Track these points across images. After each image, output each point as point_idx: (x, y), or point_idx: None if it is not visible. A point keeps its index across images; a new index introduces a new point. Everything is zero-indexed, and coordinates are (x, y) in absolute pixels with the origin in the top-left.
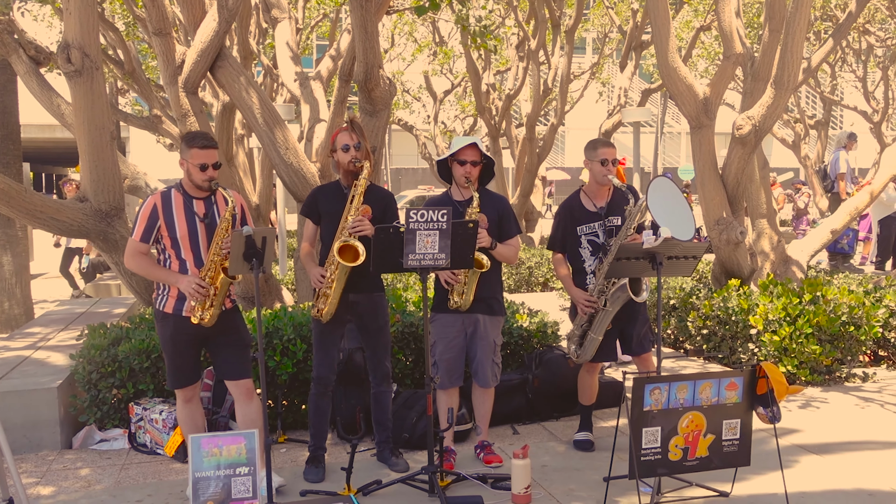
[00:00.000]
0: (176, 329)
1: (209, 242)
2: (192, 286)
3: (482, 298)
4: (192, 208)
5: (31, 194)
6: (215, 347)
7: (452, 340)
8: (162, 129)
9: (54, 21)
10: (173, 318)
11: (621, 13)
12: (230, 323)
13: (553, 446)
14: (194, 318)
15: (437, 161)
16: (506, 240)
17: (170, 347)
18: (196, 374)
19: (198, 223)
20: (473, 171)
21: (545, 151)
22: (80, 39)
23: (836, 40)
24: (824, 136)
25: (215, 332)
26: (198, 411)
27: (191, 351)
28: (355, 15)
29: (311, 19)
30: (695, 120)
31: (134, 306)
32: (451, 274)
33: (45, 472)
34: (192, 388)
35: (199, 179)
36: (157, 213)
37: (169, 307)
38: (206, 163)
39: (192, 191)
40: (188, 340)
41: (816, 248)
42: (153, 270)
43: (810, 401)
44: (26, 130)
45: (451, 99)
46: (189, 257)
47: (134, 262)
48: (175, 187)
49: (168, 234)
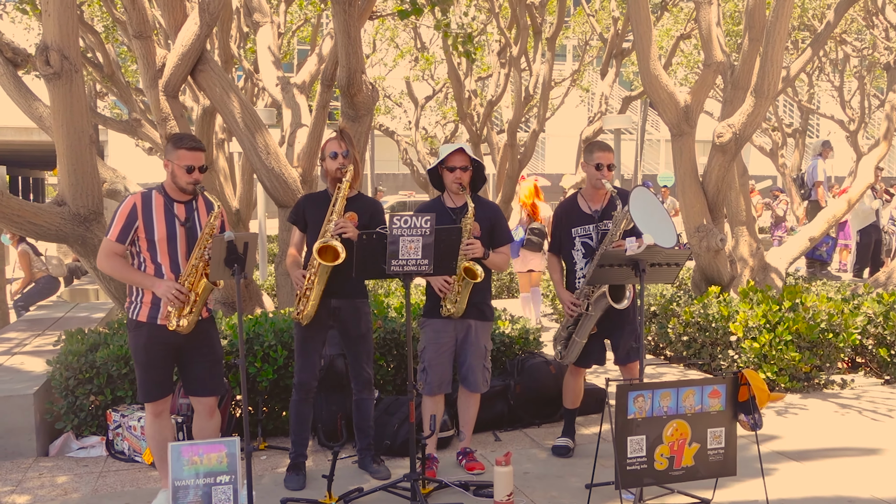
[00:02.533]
0: (150, 338)
1: (188, 247)
2: (172, 291)
3: (473, 304)
4: (172, 211)
5: (8, 198)
6: (187, 361)
7: (443, 346)
8: (141, 133)
9: (33, 23)
10: (147, 327)
11: (602, 21)
12: (205, 335)
13: (535, 453)
14: (170, 325)
15: (428, 170)
16: (497, 248)
17: (143, 358)
18: (169, 387)
19: (178, 227)
20: (464, 176)
21: (526, 158)
22: (59, 41)
23: (815, 50)
24: (802, 145)
25: (190, 344)
26: (167, 426)
27: (164, 362)
28: (338, 20)
29: (293, 24)
30: (676, 127)
31: (112, 311)
32: (445, 283)
33: (20, 480)
34: (164, 401)
35: (183, 182)
36: (136, 212)
37: (143, 315)
38: (193, 165)
39: (174, 193)
40: (162, 351)
41: (795, 255)
42: (128, 273)
43: (789, 407)
44: (2, 133)
45: (433, 105)
46: (165, 261)
47: (108, 263)
48: (156, 189)
49: (145, 237)
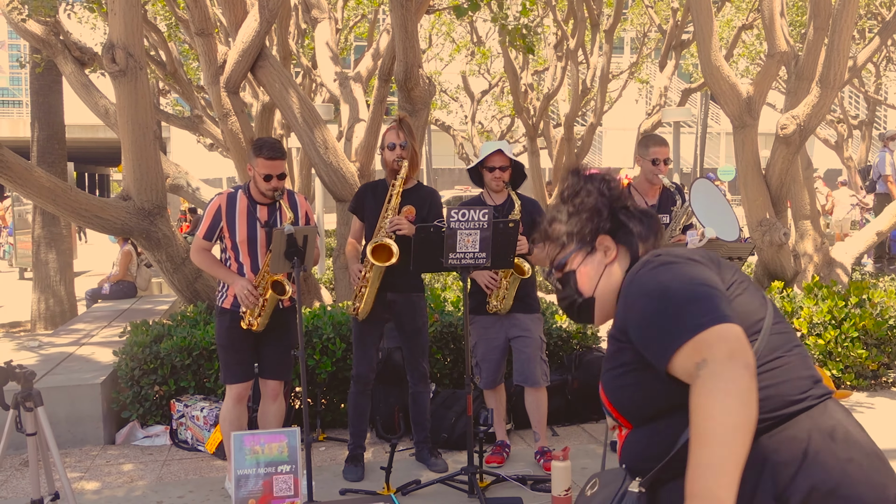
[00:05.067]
0: (232, 324)
1: (268, 249)
2: (245, 291)
3: (518, 298)
4: (254, 213)
5: (76, 192)
6: (262, 344)
7: (493, 341)
8: (202, 129)
9: (98, 23)
10: (230, 314)
11: (661, 12)
12: (283, 322)
13: (592, 448)
14: (244, 323)
15: (468, 169)
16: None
17: (226, 341)
18: (250, 372)
19: (259, 229)
20: (503, 175)
21: (583, 151)
22: (124, 40)
23: (883, 39)
24: (868, 137)
25: (268, 331)
26: (244, 413)
27: (246, 345)
28: (395, 14)
29: (350, 19)
30: (738, 119)
31: (175, 304)
32: (492, 279)
33: (88, 467)
34: (245, 386)
35: (263, 188)
36: (220, 214)
37: (227, 303)
38: (271, 174)
39: (257, 196)
40: (243, 334)
41: (862, 250)
42: (213, 267)
43: (856, 406)
44: (71, 131)
45: (489, 99)
46: (247, 261)
47: (197, 256)
48: (242, 189)
49: (229, 237)
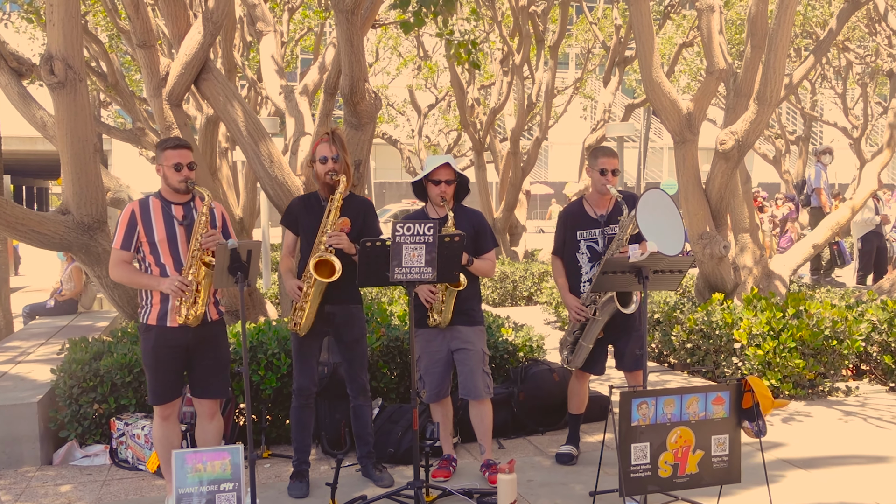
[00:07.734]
0: (158, 341)
1: (188, 246)
2: (175, 284)
3: (461, 311)
4: (170, 213)
5: (13, 206)
6: (194, 362)
7: (436, 354)
8: (145, 142)
9: (37, 33)
10: (156, 330)
11: (604, 29)
12: (212, 337)
13: (539, 461)
14: (179, 318)
15: (413, 182)
16: (482, 254)
17: (151, 360)
18: (177, 391)
19: (176, 226)
20: (448, 189)
21: (529, 166)
22: (63, 51)
23: (817, 57)
24: (805, 152)
25: (197, 345)
26: (174, 431)
27: (173, 365)
28: (341, 28)
29: (296, 33)
30: (679, 135)
31: (116, 320)
32: (430, 292)
33: (24, 489)
34: (172, 404)
35: (175, 181)
36: (135, 218)
37: (152, 319)
38: (181, 162)
39: (170, 196)
40: (171, 353)
41: (799, 262)
42: (136, 277)
43: (794, 415)
44: (7, 143)
45: (436, 113)
46: (168, 261)
47: (117, 270)
48: (153, 195)
49: (147, 240)
